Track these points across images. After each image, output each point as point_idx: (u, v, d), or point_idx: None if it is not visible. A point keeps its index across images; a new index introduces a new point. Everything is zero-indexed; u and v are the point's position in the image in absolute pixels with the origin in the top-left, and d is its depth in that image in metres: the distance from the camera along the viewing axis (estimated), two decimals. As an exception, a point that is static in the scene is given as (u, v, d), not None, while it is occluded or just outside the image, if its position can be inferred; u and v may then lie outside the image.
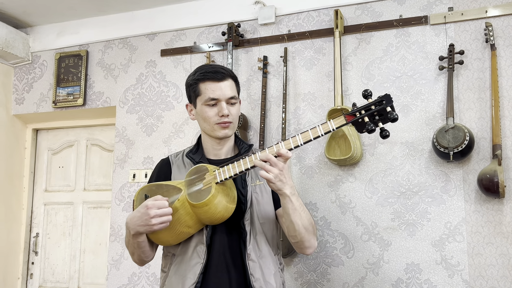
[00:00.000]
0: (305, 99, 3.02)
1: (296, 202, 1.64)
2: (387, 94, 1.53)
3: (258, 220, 1.78)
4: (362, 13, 2.98)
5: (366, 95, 1.54)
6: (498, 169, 2.43)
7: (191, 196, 1.67)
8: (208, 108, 1.78)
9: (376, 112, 1.52)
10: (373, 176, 2.81)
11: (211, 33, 3.35)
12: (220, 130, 1.79)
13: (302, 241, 1.72)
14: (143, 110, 3.47)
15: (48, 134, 4.06)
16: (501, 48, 2.66)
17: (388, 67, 2.88)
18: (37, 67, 3.86)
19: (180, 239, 1.76)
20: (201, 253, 1.72)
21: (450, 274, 2.58)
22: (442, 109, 2.72)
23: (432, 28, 2.81)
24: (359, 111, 1.54)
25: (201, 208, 1.63)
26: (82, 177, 3.89)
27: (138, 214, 1.66)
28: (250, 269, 1.71)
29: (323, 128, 1.57)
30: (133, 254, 1.82)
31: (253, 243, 1.74)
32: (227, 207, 1.67)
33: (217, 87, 1.77)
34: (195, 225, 1.71)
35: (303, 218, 1.68)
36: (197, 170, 1.71)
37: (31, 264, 3.91)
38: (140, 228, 1.66)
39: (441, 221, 2.64)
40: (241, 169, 1.63)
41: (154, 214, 1.62)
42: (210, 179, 1.66)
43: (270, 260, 1.78)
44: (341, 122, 1.55)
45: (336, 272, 2.80)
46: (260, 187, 1.81)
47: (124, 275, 3.31)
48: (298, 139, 1.59)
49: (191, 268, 1.72)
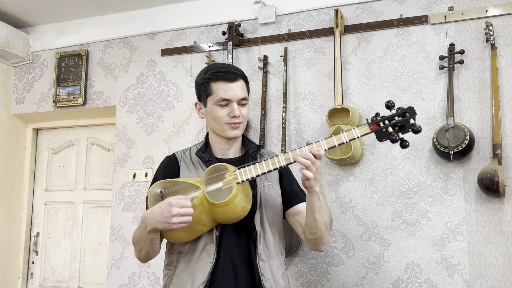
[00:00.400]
0: (305, 98, 3.02)
1: (322, 200, 1.68)
2: (411, 107, 1.60)
3: (268, 221, 1.79)
4: (362, 12, 2.98)
5: (389, 106, 1.62)
6: (499, 168, 2.43)
7: (210, 194, 1.66)
8: (219, 108, 1.78)
9: (399, 123, 1.60)
10: (373, 176, 2.81)
11: (212, 33, 3.35)
12: (230, 130, 1.79)
13: (321, 237, 1.74)
14: (144, 109, 3.47)
15: (49, 134, 4.06)
16: (502, 48, 2.66)
17: (388, 66, 2.88)
18: (37, 67, 3.86)
19: (193, 237, 1.75)
20: (211, 252, 1.72)
21: (451, 274, 2.58)
22: (442, 108, 2.72)
23: (433, 27, 2.81)
24: (383, 121, 1.61)
25: (221, 207, 1.63)
26: (83, 176, 3.90)
27: (159, 210, 1.63)
28: (261, 269, 1.72)
29: (348, 135, 1.62)
30: (141, 251, 1.78)
31: (262, 243, 1.75)
32: (245, 207, 1.68)
33: (229, 88, 1.77)
34: (209, 224, 1.72)
35: (325, 216, 1.71)
36: (216, 169, 1.70)
37: (32, 264, 3.91)
38: (159, 224, 1.63)
39: (441, 221, 2.64)
40: (263, 170, 1.66)
41: (177, 212, 1.59)
42: (230, 178, 1.67)
43: (278, 260, 1.80)
44: (365, 130, 1.62)
45: (337, 271, 2.80)
46: (268, 188, 1.82)
47: (125, 274, 3.31)
48: (322, 144, 1.64)
49: (200, 267, 1.71)
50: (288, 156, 1.64)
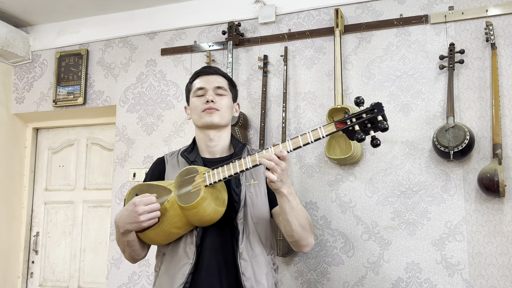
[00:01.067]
0: (305, 98, 3.02)
1: (293, 201, 1.64)
2: (378, 103, 1.50)
3: (252, 220, 1.77)
4: (362, 12, 2.97)
5: (358, 102, 1.52)
6: (499, 168, 2.43)
7: (180, 198, 1.67)
8: (196, 98, 1.86)
9: (367, 120, 1.50)
10: (373, 175, 2.81)
11: (212, 32, 3.35)
12: (205, 116, 1.81)
13: (300, 239, 1.72)
14: (143, 109, 3.47)
15: (49, 133, 4.06)
16: (502, 47, 2.66)
17: (388, 66, 2.87)
18: (37, 66, 3.86)
19: (170, 239, 1.76)
20: (190, 253, 1.72)
21: (450, 273, 2.58)
22: (442, 108, 2.72)
23: (433, 27, 2.81)
24: (350, 119, 1.52)
25: (190, 210, 1.64)
26: (83, 176, 3.90)
27: (126, 212, 1.67)
28: (242, 268, 1.71)
29: (313, 135, 1.56)
30: (124, 252, 1.83)
31: (245, 242, 1.74)
32: (216, 210, 1.67)
33: (205, 79, 1.87)
34: (184, 226, 1.72)
35: (300, 217, 1.67)
36: (188, 172, 1.70)
37: (32, 263, 3.92)
38: (129, 226, 1.67)
39: (441, 220, 2.64)
40: (230, 172, 1.63)
41: (142, 210, 1.63)
42: (199, 181, 1.66)
43: (263, 259, 1.77)
44: (331, 129, 1.54)
45: (336, 271, 2.80)
46: (254, 187, 1.81)
47: (125, 274, 3.31)
48: (288, 145, 1.59)
49: (179, 269, 1.72)
50: (254, 158, 1.61)
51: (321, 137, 1.55)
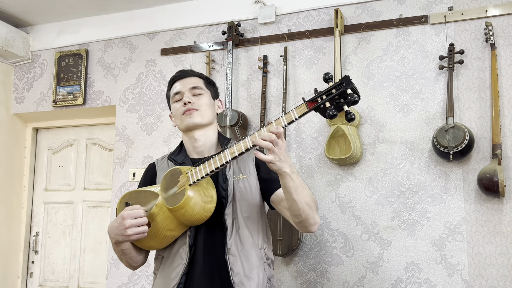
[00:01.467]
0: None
1: (296, 180, 1.59)
2: (346, 76, 1.46)
3: (242, 214, 1.76)
4: (362, 12, 2.98)
5: (327, 78, 1.47)
6: (498, 168, 2.43)
7: (168, 200, 1.66)
8: (175, 103, 1.86)
9: (337, 95, 1.45)
10: (373, 176, 2.81)
11: (211, 32, 3.35)
12: (186, 118, 1.80)
13: (307, 218, 1.67)
14: (143, 109, 3.47)
15: (48, 133, 4.06)
16: (501, 48, 2.66)
17: (388, 66, 2.88)
18: (37, 66, 3.86)
19: (166, 243, 1.76)
20: (183, 254, 1.72)
21: (450, 274, 2.59)
22: (442, 108, 2.72)
23: (432, 27, 2.81)
24: (320, 97, 1.48)
25: (178, 211, 1.63)
26: (82, 176, 3.90)
27: (115, 224, 1.67)
28: (230, 264, 1.70)
29: (286, 119, 1.50)
30: (122, 260, 1.82)
31: (234, 237, 1.73)
32: (205, 207, 1.66)
33: (181, 82, 1.87)
34: (177, 228, 1.71)
35: (305, 195, 1.63)
36: (172, 173, 1.70)
37: (31, 263, 3.92)
38: (119, 237, 1.67)
39: (440, 221, 2.64)
40: (212, 168, 1.61)
41: (129, 224, 1.62)
42: (183, 181, 1.65)
43: (254, 254, 1.75)
44: (303, 110, 1.49)
45: (336, 271, 2.80)
46: (243, 181, 1.79)
47: (124, 274, 3.31)
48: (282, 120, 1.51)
49: (173, 270, 1.72)
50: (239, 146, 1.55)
51: (294, 119, 1.49)
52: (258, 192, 1.81)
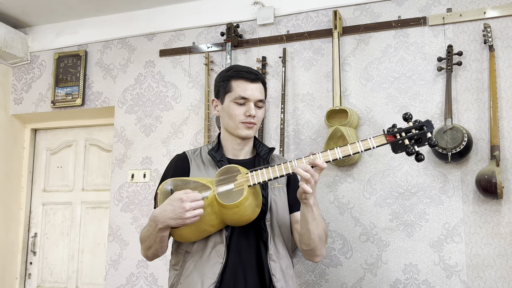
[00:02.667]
0: (303, 99, 3.03)
1: (316, 212, 1.65)
2: (428, 120, 1.59)
3: (277, 222, 1.79)
4: (360, 14, 2.98)
5: (407, 118, 1.60)
6: (496, 170, 2.44)
7: (221, 196, 1.65)
8: (236, 106, 1.80)
9: (416, 135, 1.57)
10: (371, 177, 2.81)
11: (210, 34, 3.36)
12: (244, 129, 1.80)
13: (315, 249, 1.73)
14: (142, 110, 3.47)
15: (47, 134, 4.06)
16: (500, 49, 2.66)
17: (386, 68, 2.88)
18: (35, 67, 3.86)
19: (201, 237, 1.75)
20: (221, 252, 1.72)
21: (448, 275, 2.59)
22: (440, 110, 2.72)
23: (431, 29, 2.81)
24: (399, 133, 1.59)
25: (231, 209, 1.63)
26: (81, 177, 3.89)
27: (170, 208, 1.62)
28: (272, 270, 1.72)
29: (363, 145, 1.60)
30: (149, 248, 1.77)
31: (273, 244, 1.76)
32: (254, 210, 1.68)
33: (249, 87, 1.79)
34: (218, 225, 1.71)
35: (319, 228, 1.69)
36: (228, 170, 1.69)
37: (29, 264, 3.91)
38: (172, 221, 1.62)
39: (439, 222, 2.64)
40: (275, 175, 1.64)
41: (189, 207, 1.59)
42: (242, 181, 1.65)
43: (287, 261, 1.81)
44: (382, 141, 1.60)
45: (335, 272, 2.80)
46: (278, 190, 1.83)
47: (123, 275, 3.31)
48: (337, 152, 1.61)
49: (210, 268, 1.71)
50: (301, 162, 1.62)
51: (372, 147, 1.60)
52: (287, 203, 1.85)
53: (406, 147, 1.57)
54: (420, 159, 1.56)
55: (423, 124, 1.58)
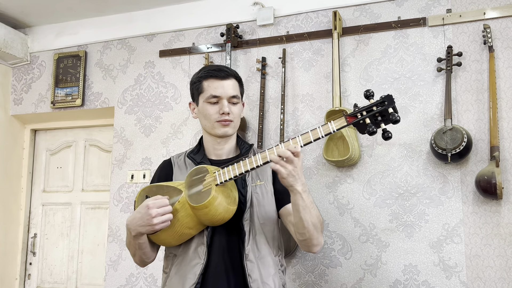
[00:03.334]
0: (303, 100, 3.03)
1: (307, 199, 1.62)
2: (389, 95, 1.50)
3: (259, 221, 1.77)
4: (360, 14, 2.98)
5: (368, 95, 1.51)
6: (496, 170, 2.44)
7: (191, 197, 1.66)
8: (209, 106, 1.79)
9: (378, 113, 1.50)
10: (371, 178, 2.81)
11: (210, 34, 3.36)
12: (220, 127, 1.79)
13: (311, 238, 1.70)
14: (142, 110, 3.47)
15: (47, 135, 4.06)
16: (499, 50, 2.66)
17: (386, 68, 2.88)
18: (35, 68, 3.86)
19: (182, 240, 1.75)
20: (201, 253, 1.72)
21: (448, 276, 2.59)
22: (440, 110, 2.72)
23: (430, 29, 2.82)
24: (360, 112, 1.52)
25: (201, 210, 1.63)
26: (80, 177, 3.89)
27: (138, 215, 1.66)
28: (248, 270, 1.70)
29: (324, 130, 1.55)
30: (135, 255, 1.81)
31: (252, 243, 1.74)
32: (227, 208, 1.66)
33: (219, 85, 1.78)
34: (196, 226, 1.71)
35: (313, 215, 1.66)
36: (198, 171, 1.70)
37: (29, 265, 3.91)
38: (142, 228, 1.66)
39: (439, 223, 2.64)
40: (241, 170, 1.63)
41: (156, 213, 1.62)
42: (210, 180, 1.65)
43: (270, 260, 1.77)
44: (342, 123, 1.53)
45: (334, 273, 2.80)
46: (261, 188, 1.81)
47: (122, 276, 3.30)
48: (298, 140, 1.58)
49: (191, 269, 1.71)
50: (265, 155, 1.60)
51: (332, 131, 1.54)
52: (273, 198, 1.83)
53: (367, 126, 1.49)
54: (387, 137, 1.49)
55: (383, 100, 1.49)
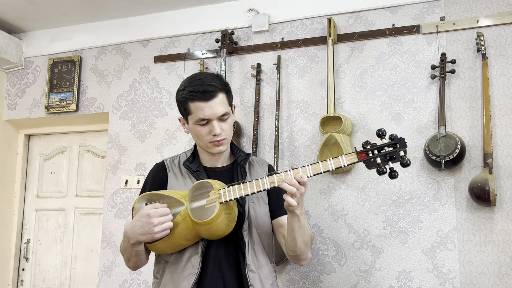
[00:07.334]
0: (298, 106, 3.03)
1: (303, 221, 1.66)
2: (401, 138, 1.57)
3: (256, 230, 1.78)
4: (355, 21, 2.99)
5: (380, 134, 1.58)
6: (489, 177, 2.45)
7: (193, 212, 1.65)
8: (200, 127, 1.75)
9: (388, 154, 1.57)
10: (365, 184, 2.81)
11: (205, 40, 3.36)
12: (214, 147, 1.77)
13: (301, 254, 1.74)
14: (136, 116, 3.47)
15: (40, 140, 4.05)
16: (492, 58, 2.68)
17: (380, 75, 2.89)
18: (30, 73, 3.85)
19: (177, 250, 1.75)
20: (195, 263, 1.71)
21: (442, 282, 2.59)
22: (434, 117, 2.73)
23: (424, 37, 2.83)
24: (372, 151, 1.58)
25: (203, 226, 1.63)
26: (74, 183, 3.88)
27: (139, 224, 1.64)
28: (250, 280, 1.71)
29: (334, 163, 1.61)
30: (129, 261, 1.80)
31: (251, 253, 1.74)
32: (228, 225, 1.67)
33: (207, 107, 1.70)
34: (193, 238, 1.72)
35: (306, 234, 1.69)
36: (201, 186, 1.68)
37: (22, 271, 3.88)
38: (142, 237, 1.64)
39: (432, 229, 2.65)
40: (247, 192, 1.64)
41: (158, 222, 1.61)
42: (214, 197, 1.65)
43: (268, 269, 1.79)
44: (353, 159, 1.59)
45: (328, 279, 2.80)
46: (257, 197, 1.81)
47: (116, 282, 3.29)
48: (308, 170, 1.62)
49: (184, 278, 1.70)
50: (273, 180, 1.62)
51: (342, 165, 1.60)
52: (267, 207, 1.84)
53: (378, 165, 1.56)
54: (393, 177, 1.55)
55: (396, 142, 1.57)
